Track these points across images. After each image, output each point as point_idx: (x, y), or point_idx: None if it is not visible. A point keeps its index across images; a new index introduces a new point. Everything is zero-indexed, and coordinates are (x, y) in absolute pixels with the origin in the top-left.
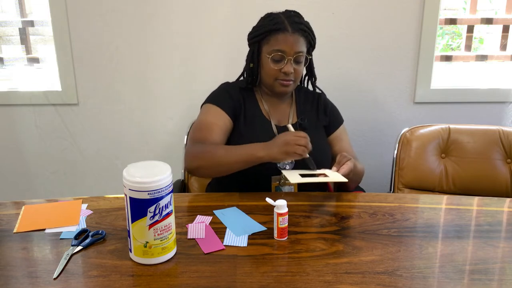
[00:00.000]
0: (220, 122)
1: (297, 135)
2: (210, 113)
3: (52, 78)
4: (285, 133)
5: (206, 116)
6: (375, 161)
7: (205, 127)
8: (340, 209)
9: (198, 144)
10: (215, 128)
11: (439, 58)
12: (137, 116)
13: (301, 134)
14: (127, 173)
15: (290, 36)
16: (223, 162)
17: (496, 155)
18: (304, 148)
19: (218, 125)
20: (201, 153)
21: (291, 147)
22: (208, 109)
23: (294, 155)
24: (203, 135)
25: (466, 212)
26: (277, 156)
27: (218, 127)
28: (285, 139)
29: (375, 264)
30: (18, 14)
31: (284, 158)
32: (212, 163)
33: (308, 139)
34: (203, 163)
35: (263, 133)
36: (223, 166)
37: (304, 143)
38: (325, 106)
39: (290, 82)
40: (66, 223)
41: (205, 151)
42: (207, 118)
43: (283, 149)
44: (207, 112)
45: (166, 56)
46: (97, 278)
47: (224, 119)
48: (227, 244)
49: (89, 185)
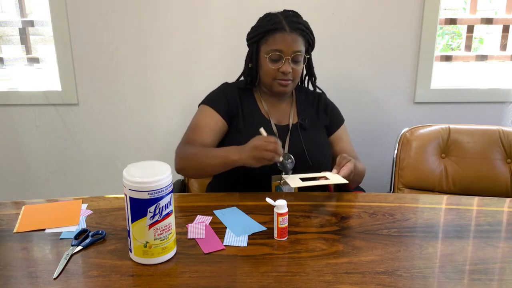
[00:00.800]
0: (211, 123)
1: (266, 140)
2: (202, 114)
3: (52, 78)
4: (255, 138)
5: (198, 117)
6: (375, 161)
7: (196, 128)
8: (340, 209)
9: (186, 145)
10: (206, 129)
11: (439, 58)
12: (137, 116)
13: (271, 139)
14: (127, 173)
15: (287, 36)
16: (203, 164)
17: (496, 155)
18: (273, 154)
19: (209, 126)
20: (186, 155)
21: (259, 152)
22: (202, 110)
23: (263, 160)
24: (193, 136)
25: (466, 212)
26: (246, 160)
27: (209, 128)
28: (254, 144)
29: (375, 264)
30: (18, 14)
31: (254, 164)
32: (195, 165)
33: (278, 144)
34: (187, 164)
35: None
36: (204, 168)
37: (272, 149)
38: (325, 106)
39: (288, 82)
40: (66, 223)
41: (190, 153)
42: (199, 119)
43: (251, 154)
44: (200, 113)
45: (166, 56)
46: (97, 278)
47: (216, 120)
48: (227, 244)
49: (89, 185)
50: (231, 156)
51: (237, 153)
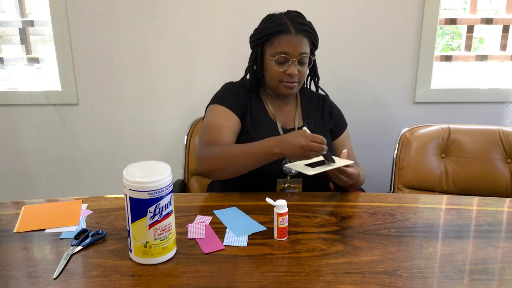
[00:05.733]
0: (228, 122)
1: (314, 140)
2: (218, 114)
3: (52, 78)
4: (301, 135)
5: (214, 117)
6: (375, 161)
7: (215, 128)
8: (340, 209)
9: (210, 146)
10: (224, 129)
11: (439, 58)
12: (137, 116)
13: (317, 139)
14: (127, 173)
15: (293, 38)
16: (238, 162)
17: (496, 155)
18: (317, 154)
19: (227, 126)
20: (215, 155)
21: (305, 152)
22: (216, 109)
23: (305, 159)
24: (214, 137)
25: (466, 212)
26: (290, 156)
27: (227, 128)
28: (300, 144)
29: (375, 264)
30: (18, 14)
31: (296, 159)
32: (227, 164)
33: (324, 147)
34: (218, 165)
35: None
36: (238, 166)
37: (318, 150)
38: (330, 110)
39: (294, 84)
40: (66, 223)
41: (219, 153)
42: (215, 119)
43: (297, 152)
44: (215, 113)
45: (166, 56)
46: (97, 278)
47: (233, 119)
48: (227, 244)
49: (89, 185)
50: (272, 150)
51: (278, 147)
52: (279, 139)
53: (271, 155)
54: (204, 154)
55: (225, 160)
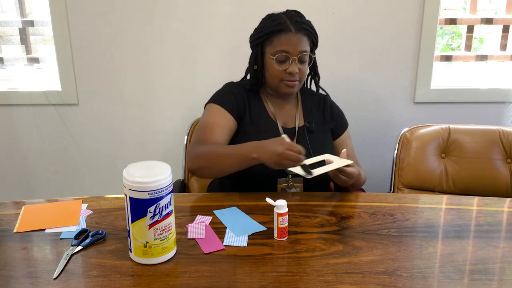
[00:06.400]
0: (223, 121)
1: (290, 149)
2: (213, 113)
3: (52, 78)
4: (279, 143)
5: (209, 116)
6: (375, 161)
7: (208, 127)
8: (340, 209)
9: (200, 144)
10: (217, 128)
11: (439, 58)
12: (137, 116)
13: (295, 148)
14: (127, 173)
15: (293, 36)
16: (221, 162)
17: (496, 155)
18: (294, 164)
19: (221, 125)
20: (201, 153)
21: (282, 160)
22: (211, 109)
23: (283, 167)
24: (205, 135)
25: (466, 212)
26: (267, 163)
27: (221, 127)
28: (277, 151)
29: (375, 264)
30: (18, 14)
31: (273, 167)
32: (212, 163)
33: (301, 156)
34: (203, 164)
35: (269, 134)
36: (222, 167)
37: (295, 160)
38: (331, 110)
39: (295, 83)
40: (66, 223)
41: (205, 151)
42: (210, 118)
43: (273, 159)
44: (210, 112)
45: (166, 56)
46: (97, 278)
47: (227, 119)
48: (227, 244)
49: (89, 185)
50: (250, 154)
51: (256, 152)
52: (258, 144)
53: (250, 159)
54: (192, 152)
55: (210, 160)
